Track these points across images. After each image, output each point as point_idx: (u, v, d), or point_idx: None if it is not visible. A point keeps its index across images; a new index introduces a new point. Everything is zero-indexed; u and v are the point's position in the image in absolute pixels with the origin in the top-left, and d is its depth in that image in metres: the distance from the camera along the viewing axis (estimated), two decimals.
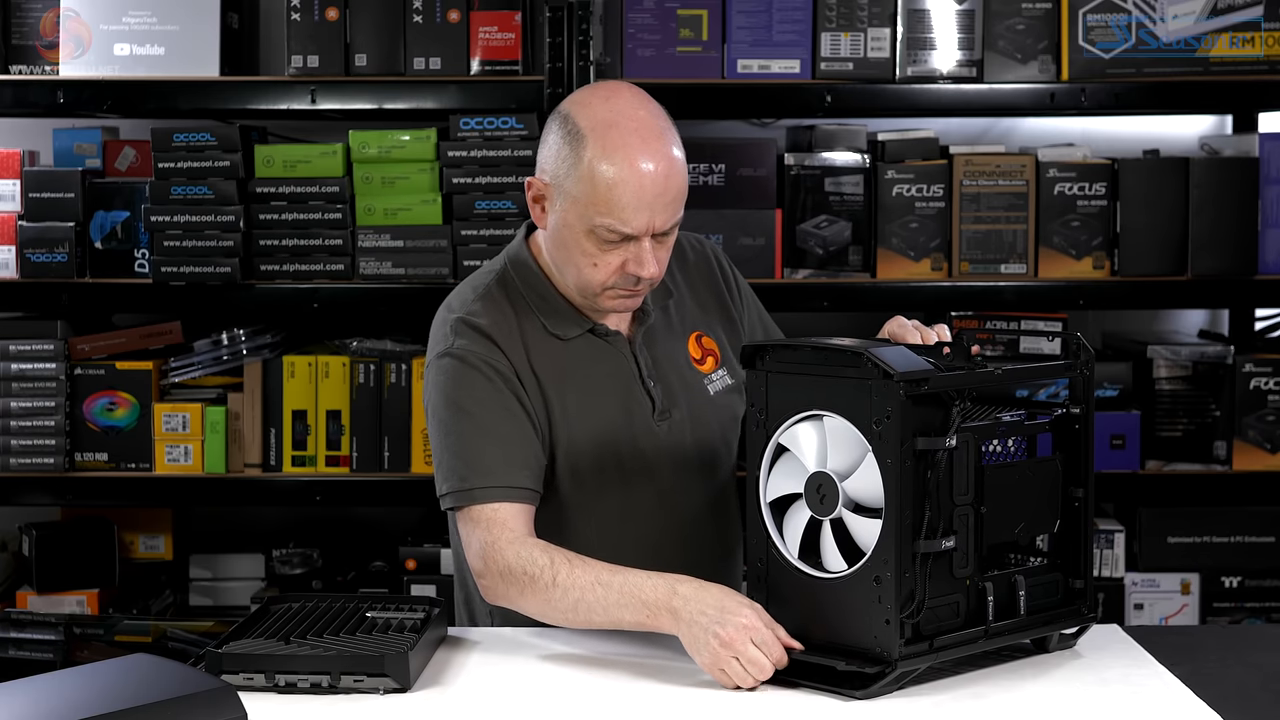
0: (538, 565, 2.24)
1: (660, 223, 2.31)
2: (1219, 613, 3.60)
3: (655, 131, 2.31)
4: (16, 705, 1.81)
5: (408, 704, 2.07)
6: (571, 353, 2.43)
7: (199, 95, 3.47)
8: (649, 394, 2.45)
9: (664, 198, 2.30)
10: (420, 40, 3.45)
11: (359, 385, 3.50)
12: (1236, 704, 2.05)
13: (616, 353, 2.45)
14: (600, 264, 2.33)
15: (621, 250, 2.32)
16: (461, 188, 3.45)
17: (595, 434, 2.42)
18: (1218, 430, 3.53)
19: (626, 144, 2.28)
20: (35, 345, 3.51)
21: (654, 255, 2.33)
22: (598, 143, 2.29)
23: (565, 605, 2.23)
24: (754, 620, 2.09)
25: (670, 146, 2.31)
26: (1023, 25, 3.46)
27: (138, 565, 3.71)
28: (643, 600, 2.17)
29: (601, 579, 2.21)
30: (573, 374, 2.42)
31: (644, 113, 2.33)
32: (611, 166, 2.28)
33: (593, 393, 2.42)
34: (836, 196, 3.49)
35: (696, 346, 2.52)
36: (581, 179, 2.30)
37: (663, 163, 2.29)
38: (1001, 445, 2.19)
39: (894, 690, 2.07)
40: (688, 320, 2.53)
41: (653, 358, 2.47)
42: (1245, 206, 3.48)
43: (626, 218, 2.29)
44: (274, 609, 2.32)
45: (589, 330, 2.44)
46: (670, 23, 3.45)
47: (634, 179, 2.27)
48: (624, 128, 2.29)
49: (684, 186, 2.33)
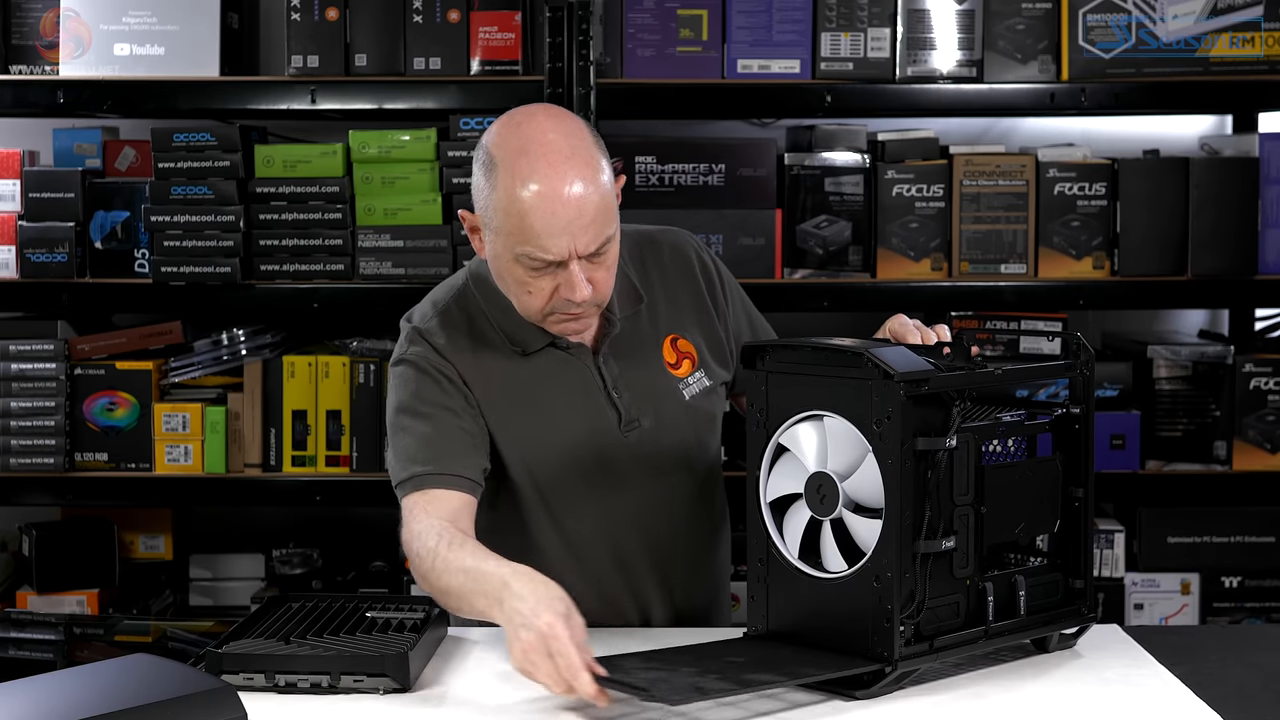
0: (427, 548, 2.23)
1: (583, 245, 2.24)
2: (1219, 613, 3.60)
3: (564, 154, 2.24)
4: (16, 705, 1.81)
5: (408, 704, 2.07)
6: (533, 368, 2.41)
7: (199, 95, 3.47)
8: (614, 405, 2.43)
9: (580, 220, 2.23)
10: (420, 40, 3.46)
11: (359, 385, 3.50)
12: (1236, 704, 2.05)
13: (580, 365, 2.43)
14: (534, 291, 2.29)
15: (551, 276, 2.27)
16: (461, 188, 3.45)
17: (559, 449, 2.40)
18: (1218, 430, 3.53)
19: (535, 170, 2.23)
20: (35, 345, 3.51)
21: (584, 279, 2.26)
22: (508, 172, 2.24)
23: (439, 590, 2.22)
24: (553, 628, 1.99)
25: (582, 167, 2.24)
26: (1023, 25, 3.46)
27: (138, 565, 3.71)
28: (484, 591, 2.12)
29: (465, 566, 2.16)
30: (534, 390, 2.40)
31: (554, 135, 2.25)
32: (523, 195, 2.23)
33: (554, 408, 2.41)
34: (836, 196, 3.49)
35: (671, 350, 2.49)
36: (498, 209, 2.26)
37: (575, 186, 2.22)
38: (1001, 445, 2.19)
39: (894, 690, 2.07)
40: (661, 324, 2.49)
41: (619, 367, 2.44)
42: (1245, 206, 3.48)
43: (545, 244, 2.23)
44: (274, 609, 2.32)
45: (550, 344, 2.41)
46: (670, 23, 3.45)
47: (544, 205, 2.22)
48: (532, 154, 2.24)
49: (605, 206, 2.26)
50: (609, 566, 2.45)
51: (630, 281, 2.47)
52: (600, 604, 2.43)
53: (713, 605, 2.58)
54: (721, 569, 2.60)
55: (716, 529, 2.58)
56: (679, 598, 2.50)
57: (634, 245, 2.51)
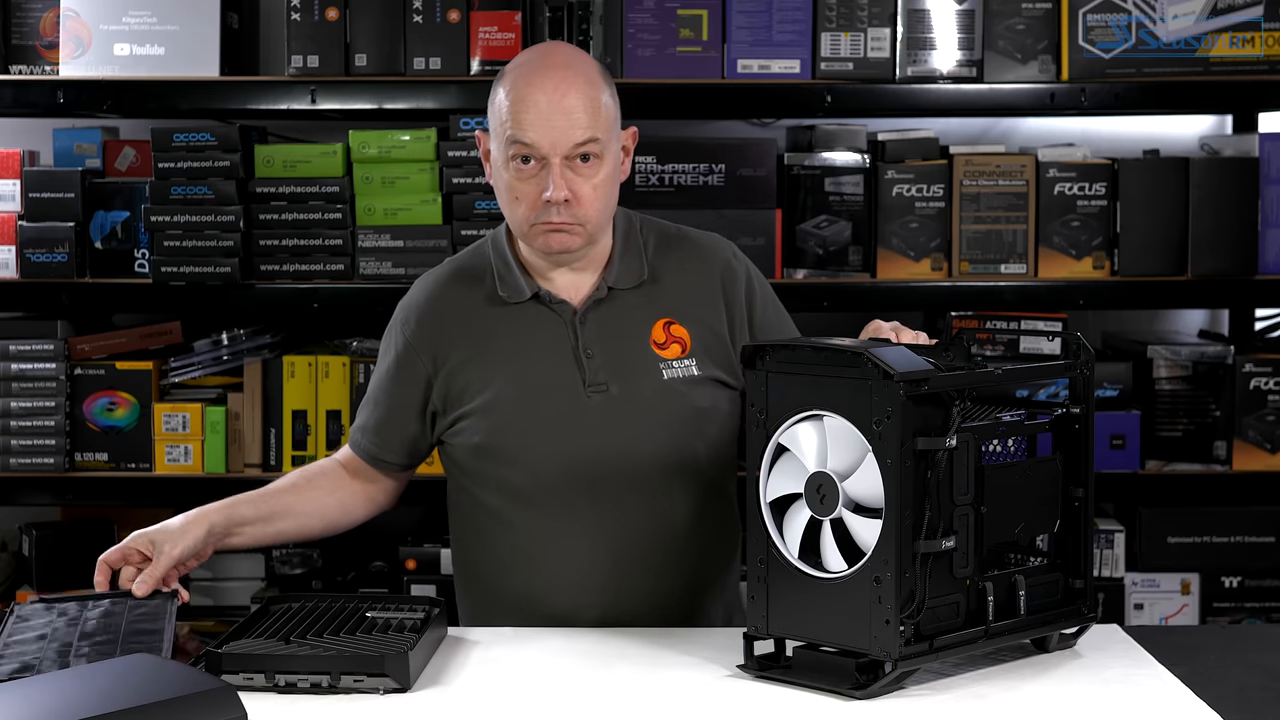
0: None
1: (564, 142, 2.38)
2: (1219, 613, 3.60)
3: (562, 62, 2.43)
4: (16, 705, 1.81)
5: (408, 704, 2.07)
6: (515, 318, 2.50)
7: (199, 95, 3.47)
8: (580, 365, 2.47)
9: (563, 117, 2.38)
10: (420, 40, 3.45)
11: (359, 385, 3.50)
12: (1236, 704, 2.05)
13: (557, 320, 2.49)
14: (520, 196, 2.42)
15: (536, 179, 2.40)
16: (461, 188, 3.45)
17: (522, 398, 2.46)
18: (1218, 430, 3.53)
19: (530, 70, 2.42)
20: (35, 345, 3.51)
21: (562, 180, 2.39)
22: (510, 76, 2.44)
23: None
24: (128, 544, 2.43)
25: (577, 76, 2.41)
26: (1023, 25, 3.46)
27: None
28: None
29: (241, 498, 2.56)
30: (511, 339, 2.49)
31: (561, 53, 2.47)
32: (514, 89, 2.42)
33: (524, 357, 2.48)
34: (836, 196, 3.49)
35: (663, 331, 2.52)
36: (496, 111, 2.44)
37: (561, 82, 2.39)
38: (1001, 445, 2.19)
39: (894, 690, 2.07)
40: (660, 306, 2.52)
41: (598, 330, 2.48)
42: (1245, 206, 3.48)
43: (524, 128, 2.38)
44: (274, 609, 2.32)
45: (534, 295, 2.50)
46: (670, 23, 3.45)
47: (529, 94, 2.39)
48: (533, 62, 2.45)
49: (592, 112, 2.40)
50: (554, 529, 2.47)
51: (641, 261, 2.54)
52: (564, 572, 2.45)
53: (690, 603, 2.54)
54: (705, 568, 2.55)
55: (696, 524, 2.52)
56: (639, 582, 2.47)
57: (664, 236, 2.59)
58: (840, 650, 2.09)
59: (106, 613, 2.29)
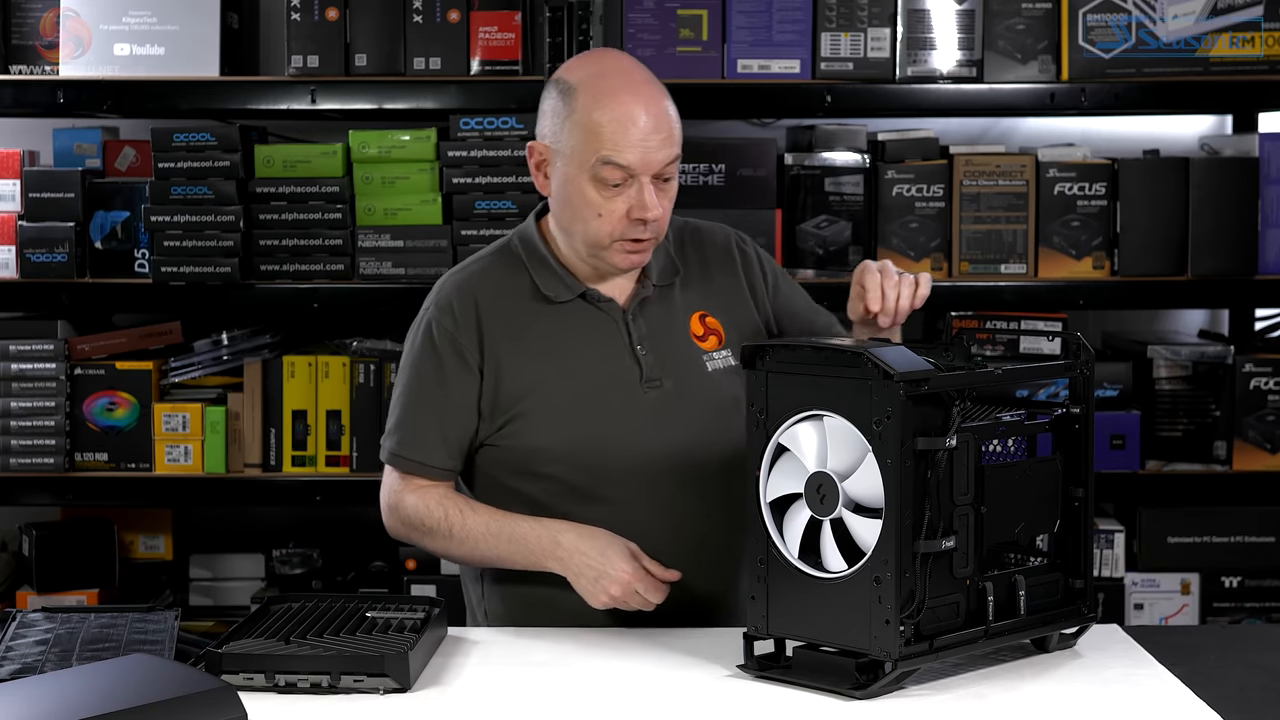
0: (434, 518, 2.47)
1: (658, 161, 2.38)
2: (1219, 613, 3.60)
3: (642, 78, 2.43)
4: (16, 705, 1.81)
5: (408, 704, 2.07)
6: (562, 317, 2.49)
7: (199, 95, 3.47)
8: (637, 360, 2.47)
9: (657, 134, 2.38)
10: (420, 40, 3.45)
11: (359, 385, 3.51)
12: (1236, 704, 2.05)
13: (607, 319, 2.49)
14: (605, 213, 2.40)
15: (624, 196, 2.39)
16: (461, 188, 3.45)
17: (577, 394, 2.45)
18: (1218, 430, 3.53)
19: (615, 87, 2.39)
20: (35, 345, 3.51)
21: (655, 197, 2.39)
22: (587, 92, 2.40)
23: (463, 552, 2.48)
24: (634, 572, 2.34)
25: (658, 92, 2.42)
26: (1023, 25, 3.46)
27: (138, 565, 3.71)
28: (529, 549, 2.41)
29: (491, 529, 2.43)
30: (560, 337, 2.47)
31: (629, 64, 2.46)
32: (603, 108, 2.38)
33: (578, 354, 2.47)
34: (836, 196, 3.49)
35: (699, 324, 2.54)
36: (576, 126, 2.40)
37: (653, 103, 2.39)
38: (1001, 445, 2.19)
39: (894, 690, 2.07)
40: (693, 300, 2.55)
41: (647, 327, 2.50)
42: (1245, 206, 3.48)
43: (622, 150, 2.37)
44: (274, 609, 2.32)
45: (580, 295, 2.49)
46: (670, 23, 3.45)
47: (625, 114, 2.37)
48: (611, 76, 2.41)
49: (675, 130, 2.42)
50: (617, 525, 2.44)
51: (670, 255, 2.55)
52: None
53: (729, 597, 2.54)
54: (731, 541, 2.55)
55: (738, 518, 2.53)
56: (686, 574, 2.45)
57: (678, 229, 2.60)
58: (840, 650, 2.09)
59: (108, 624, 2.29)
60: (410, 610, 2.30)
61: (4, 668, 2.11)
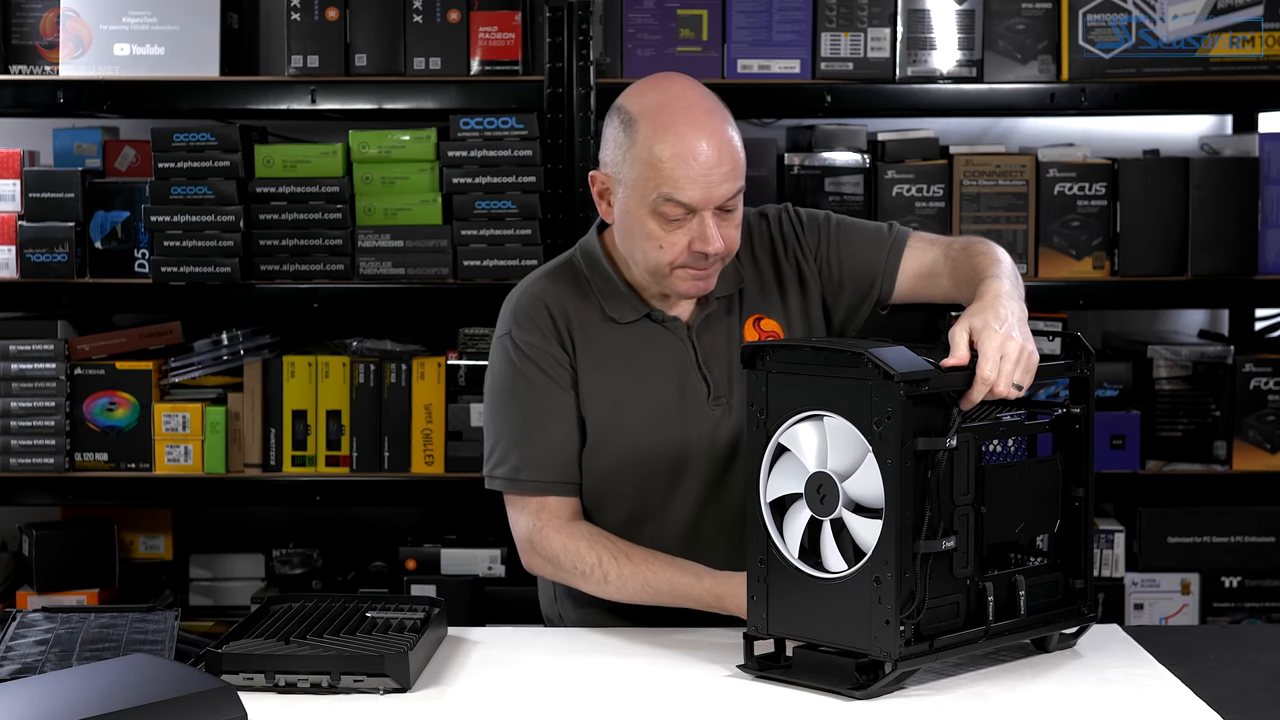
0: (586, 563, 2.40)
1: (719, 195, 2.36)
2: (1219, 613, 3.59)
3: (704, 109, 2.38)
4: (16, 705, 1.81)
5: (408, 704, 2.07)
6: (629, 335, 2.48)
7: (199, 95, 3.47)
8: (705, 379, 2.48)
9: (719, 169, 2.35)
10: (420, 40, 3.45)
11: (359, 385, 3.50)
12: (1236, 704, 2.05)
13: (674, 338, 2.49)
14: (666, 245, 2.38)
15: (686, 229, 2.37)
16: (461, 188, 3.45)
17: (650, 412, 2.46)
18: (1218, 430, 3.53)
19: (677, 120, 2.36)
20: (35, 345, 3.51)
21: (718, 230, 2.37)
22: (649, 124, 2.37)
23: (614, 596, 2.40)
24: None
25: (721, 122, 2.38)
26: (1023, 25, 3.46)
27: (138, 565, 3.71)
28: (691, 598, 2.35)
29: (650, 581, 2.37)
30: (629, 354, 2.47)
31: (693, 94, 2.41)
32: (664, 143, 2.35)
33: (648, 371, 2.47)
34: (836, 196, 3.49)
35: (754, 330, 2.53)
36: (637, 160, 2.37)
37: (714, 136, 2.35)
38: (1002, 445, 2.19)
39: (894, 690, 2.07)
40: (747, 305, 2.54)
41: (712, 343, 2.50)
42: (1245, 206, 3.48)
43: (683, 188, 2.34)
44: (274, 609, 2.32)
45: (646, 315, 2.49)
46: (670, 23, 3.45)
47: (686, 151, 2.34)
48: (674, 107, 2.37)
49: (739, 160, 2.38)
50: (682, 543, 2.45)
51: (734, 264, 2.53)
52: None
53: None
54: None
55: None
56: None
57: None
58: (840, 650, 2.09)
59: (108, 624, 2.29)
60: (410, 610, 2.30)
61: (4, 668, 2.12)
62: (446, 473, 3.48)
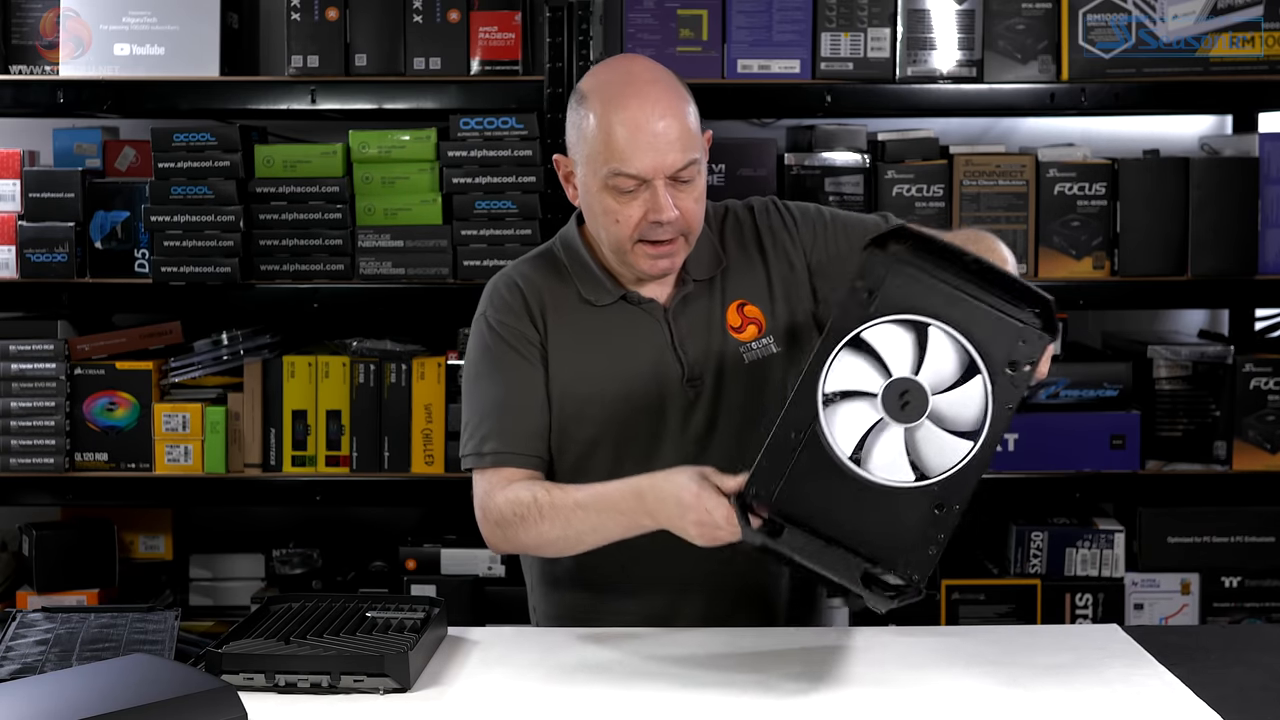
0: (523, 504, 2.37)
1: (668, 164, 2.36)
2: (1219, 613, 3.60)
3: (650, 79, 2.39)
4: (16, 705, 1.81)
5: (408, 704, 2.07)
6: (605, 318, 2.49)
7: (199, 95, 3.47)
8: (680, 360, 2.48)
9: (665, 137, 2.35)
10: (420, 40, 3.45)
11: (359, 385, 3.50)
12: (1236, 704, 2.05)
13: (650, 319, 2.50)
14: (622, 219, 2.40)
15: (640, 201, 2.38)
16: (461, 188, 3.45)
17: (622, 393, 2.46)
18: (1218, 430, 3.53)
19: (622, 93, 2.37)
20: (35, 345, 3.51)
21: (670, 200, 2.37)
22: (597, 99, 2.39)
23: (555, 534, 2.35)
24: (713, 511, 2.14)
25: (666, 91, 2.38)
26: (1023, 25, 3.46)
27: (138, 565, 3.71)
28: (620, 511, 2.29)
29: (580, 501, 2.32)
30: (605, 335, 2.48)
31: (640, 67, 2.43)
32: (610, 115, 2.36)
33: (623, 353, 2.47)
34: (836, 196, 3.49)
35: (737, 315, 2.53)
36: (587, 137, 2.39)
37: (658, 104, 2.36)
38: None
39: (898, 604, 2.03)
40: (733, 289, 2.53)
41: (688, 325, 2.50)
42: (1245, 206, 3.48)
43: (629, 159, 2.35)
44: (274, 609, 2.32)
45: (622, 297, 2.50)
46: (670, 23, 3.45)
47: (630, 120, 2.35)
48: (619, 82, 2.40)
49: (689, 129, 2.38)
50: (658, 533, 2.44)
51: (714, 247, 2.54)
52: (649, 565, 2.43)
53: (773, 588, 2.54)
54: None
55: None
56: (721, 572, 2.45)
57: (720, 218, 2.60)
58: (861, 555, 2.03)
59: (108, 624, 2.29)
60: (410, 610, 2.30)
61: (4, 668, 2.12)
62: (446, 473, 3.48)
